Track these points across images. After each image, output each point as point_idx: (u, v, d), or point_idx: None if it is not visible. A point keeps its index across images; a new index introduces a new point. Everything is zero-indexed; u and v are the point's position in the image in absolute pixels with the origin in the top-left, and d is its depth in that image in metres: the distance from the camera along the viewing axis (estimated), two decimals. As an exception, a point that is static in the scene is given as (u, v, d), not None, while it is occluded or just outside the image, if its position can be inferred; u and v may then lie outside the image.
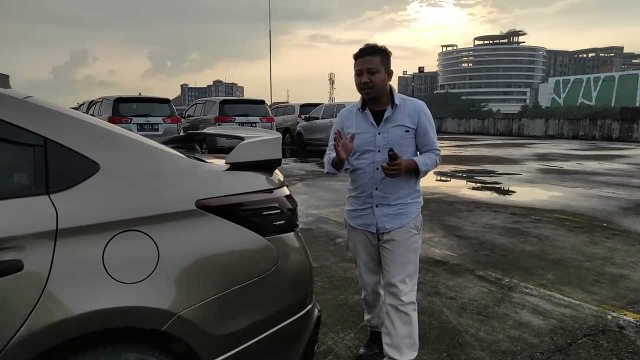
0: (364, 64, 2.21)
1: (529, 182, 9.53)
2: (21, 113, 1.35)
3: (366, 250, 2.44)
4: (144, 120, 10.95)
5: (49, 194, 1.30)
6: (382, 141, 2.27)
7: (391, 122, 2.27)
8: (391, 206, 2.31)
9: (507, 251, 4.69)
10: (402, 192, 2.31)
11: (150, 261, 1.39)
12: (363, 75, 2.21)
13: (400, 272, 2.31)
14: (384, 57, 2.22)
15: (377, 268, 2.46)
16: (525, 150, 17.95)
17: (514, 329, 2.97)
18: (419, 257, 2.42)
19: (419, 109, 2.30)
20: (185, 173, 1.61)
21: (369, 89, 2.22)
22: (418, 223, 2.38)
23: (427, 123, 2.30)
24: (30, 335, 1.21)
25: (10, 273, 1.20)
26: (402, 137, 2.27)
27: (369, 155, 2.30)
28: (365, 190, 2.35)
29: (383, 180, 2.27)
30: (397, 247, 2.31)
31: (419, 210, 2.39)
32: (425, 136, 2.30)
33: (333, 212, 6.37)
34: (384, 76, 2.23)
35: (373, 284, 2.51)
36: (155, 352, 1.43)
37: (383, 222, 2.32)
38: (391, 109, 2.28)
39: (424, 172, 2.27)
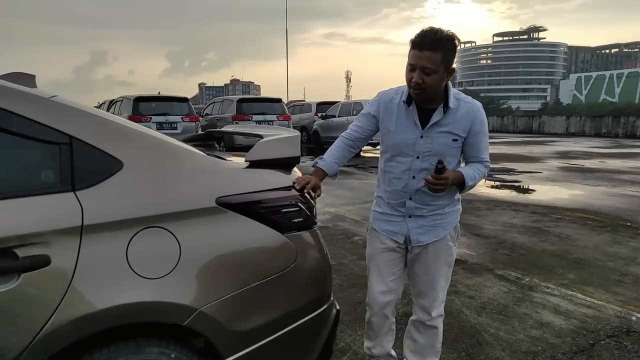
0: (419, 60, 1.80)
1: (549, 181, 9.36)
2: (48, 112, 1.38)
3: (385, 259, 2.11)
4: (163, 119, 11.10)
5: (74, 191, 1.33)
6: (424, 147, 1.94)
7: (439, 126, 1.92)
8: (426, 217, 2.02)
9: (528, 250, 4.63)
10: (439, 203, 2.01)
11: (172, 257, 1.41)
12: (415, 72, 1.82)
13: (432, 287, 2.08)
14: (447, 53, 1.80)
15: (394, 285, 2.13)
16: (546, 148, 17.65)
17: (535, 329, 2.93)
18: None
19: (474, 114, 1.93)
20: (206, 171, 1.63)
21: (420, 91, 1.86)
22: (455, 234, 2.11)
23: (481, 131, 1.95)
24: (56, 329, 1.24)
25: (38, 268, 1.23)
26: (448, 147, 1.94)
27: (406, 159, 1.98)
28: (397, 198, 2.04)
29: (419, 191, 1.98)
30: (430, 261, 2.06)
31: (457, 219, 2.10)
32: (476, 146, 1.97)
33: (350, 210, 6.37)
34: (441, 77, 1.83)
35: (384, 304, 2.13)
36: (176, 347, 1.45)
37: (417, 235, 2.04)
38: (442, 112, 1.92)
39: (470, 186, 1.96)
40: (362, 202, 6.96)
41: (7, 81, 1.44)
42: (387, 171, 2.05)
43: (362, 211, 6.31)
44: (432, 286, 2.08)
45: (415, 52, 1.81)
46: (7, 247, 1.20)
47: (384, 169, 2.07)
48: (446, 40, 1.80)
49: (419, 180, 1.94)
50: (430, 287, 2.09)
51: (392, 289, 2.13)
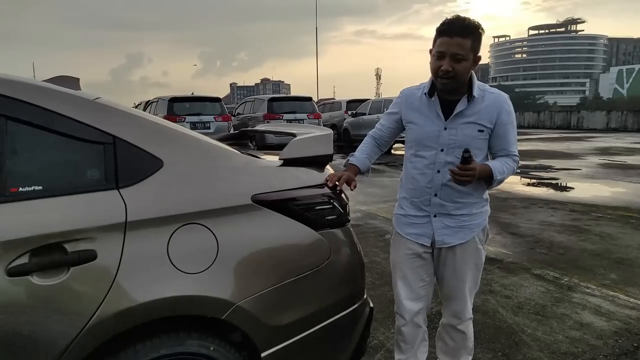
0: (449, 47, 1.74)
1: (589, 178, 9.04)
2: (93, 113, 1.45)
3: (412, 266, 2.01)
4: (197, 119, 11.33)
5: (118, 189, 1.38)
6: (448, 139, 1.87)
7: (463, 117, 1.85)
8: (453, 217, 1.93)
9: (566, 249, 4.49)
10: (466, 201, 1.92)
11: (211, 253, 1.45)
12: (445, 60, 1.75)
13: (460, 291, 2.01)
14: (475, 40, 1.76)
15: (422, 292, 2.03)
16: (584, 144, 17.03)
17: (575, 330, 2.84)
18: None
19: (501, 104, 1.86)
20: (242, 169, 1.66)
21: (449, 80, 1.78)
22: (484, 236, 2.01)
23: (508, 122, 1.87)
24: (101, 322, 1.30)
25: (86, 262, 1.29)
26: (473, 138, 1.85)
27: (429, 153, 1.90)
28: (421, 195, 1.95)
29: (444, 186, 1.90)
30: (458, 264, 1.97)
31: (485, 221, 2.00)
32: (504, 138, 1.89)
33: (381, 208, 6.34)
34: (470, 65, 1.77)
35: (414, 312, 2.03)
36: (215, 340, 1.49)
37: (442, 236, 1.95)
38: (466, 102, 1.84)
39: (499, 181, 1.85)
40: (394, 200, 6.85)
41: (54, 84, 1.52)
42: (411, 167, 1.98)
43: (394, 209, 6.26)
44: (461, 290, 2.01)
45: (445, 39, 1.75)
46: (58, 242, 1.27)
47: (409, 165, 2.00)
48: (475, 28, 1.76)
49: (444, 175, 1.86)
50: (458, 291, 2.02)
51: (422, 296, 2.04)
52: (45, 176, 1.35)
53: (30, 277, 1.24)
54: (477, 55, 1.81)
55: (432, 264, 2.05)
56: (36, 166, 1.37)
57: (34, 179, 1.33)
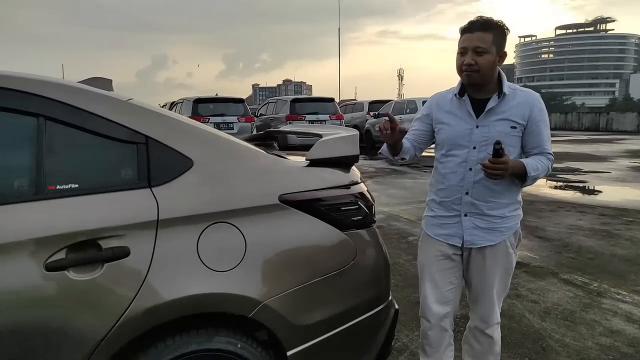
0: (470, 41, 1.79)
1: (619, 181, 8.79)
2: (126, 114, 1.49)
3: (441, 268, 1.99)
4: (220, 120, 11.45)
5: (150, 188, 1.42)
6: (480, 136, 1.86)
7: (495, 114, 1.85)
8: (484, 217, 1.90)
9: (596, 254, 4.38)
10: (499, 201, 1.90)
11: (239, 251, 1.48)
12: (467, 54, 1.80)
13: (488, 295, 1.98)
14: (498, 36, 1.80)
15: (450, 295, 2.00)
16: (614, 146, 16.57)
17: (605, 337, 2.77)
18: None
19: (533, 101, 1.86)
20: (269, 169, 1.68)
21: (472, 72, 1.81)
22: (515, 240, 1.98)
23: (541, 119, 1.86)
24: (133, 317, 1.33)
25: (119, 258, 1.32)
26: (506, 135, 1.84)
27: (461, 152, 1.89)
28: (452, 194, 1.93)
29: (476, 184, 1.88)
30: (488, 267, 1.95)
31: (517, 225, 1.97)
32: (537, 136, 1.87)
33: (404, 210, 6.30)
34: (494, 59, 1.81)
35: (441, 315, 2.00)
36: (242, 337, 1.51)
37: (472, 236, 1.92)
38: (497, 99, 1.86)
39: (533, 178, 1.83)
40: (417, 201, 6.85)
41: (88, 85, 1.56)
42: (443, 167, 1.97)
43: (417, 211, 6.22)
44: (489, 294, 1.98)
45: (466, 35, 1.82)
46: (93, 239, 1.31)
47: (439, 165, 1.99)
48: (496, 24, 1.82)
49: (477, 172, 1.85)
50: (486, 295, 1.99)
51: (449, 300, 2.00)
52: (81, 175, 1.40)
53: (67, 272, 1.28)
54: (503, 52, 1.85)
55: (461, 266, 2.02)
56: (73, 165, 1.42)
57: (71, 177, 1.37)
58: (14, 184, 1.34)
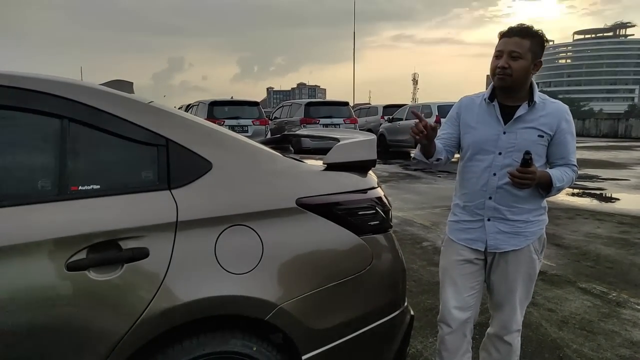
0: (507, 45, 1.80)
1: (638, 189, 8.62)
2: (147, 116, 1.51)
3: (463, 273, 1.97)
4: (235, 122, 11.51)
5: (170, 190, 1.43)
6: (507, 143, 1.86)
7: (523, 122, 1.85)
8: (507, 222, 1.90)
9: (615, 263, 4.29)
10: (522, 206, 1.90)
11: (256, 254, 1.48)
12: (502, 58, 1.80)
13: (511, 301, 1.96)
14: (535, 44, 1.81)
15: (471, 301, 1.98)
16: (633, 153, 16.26)
17: (624, 348, 2.71)
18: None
19: (562, 113, 1.87)
20: (286, 172, 1.69)
21: (505, 76, 1.80)
22: (540, 246, 1.97)
23: (569, 132, 1.88)
24: (151, 318, 1.34)
25: (139, 259, 1.34)
26: (533, 143, 1.83)
27: (487, 157, 1.89)
28: (475, 198, 1.93)
29: (500, 189, 1.88)
30: (510, 272, 1.94)
31: (542, 230, 1.97)
32: (564, 147, 1.88)
33: (418, 215, 6.25)
34: (528, 65, 1.80)
35: (462, 321, 1.97)
36: (258, 340, 1.51)
37: (496, 241, 1.91)
38: (527, 107, 1.85)
39: (558, 189, 1.84)
40: (431, 207, 6.80)
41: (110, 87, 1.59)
42: (467, 171, 1.96)
43: (431, 216, 6.17)
44: (511, 300, 1.96)
45: (504, 40, 1.83)
46: (113, 239, 1.32)
47: (464, 169, 1.98)
48: (535, 32, 1.82)
49: (501, 178, 1.86)
50: (508, 301, 1.97)
51: (470, 305, 1.98)
52: (102, 176, 1.42)
53: (87, 272, 1.30)
54: (538, 60, 1.84)
55: (483, 272, 2.00)
56: (95, 166, 1.44)
57: (93, 178, 1.39)
58: (38, 184, 1.36)
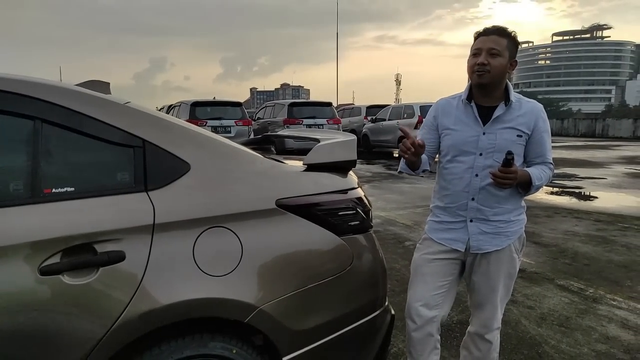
0: (485, 43, 1.83)
1: (615, 187, 8.83)
2: (123, 117, 1.48)
3: (434, 271, 1.98)
4: (218, 123, 11.44)
5: (147, 191, 1.41)
6: (487, 143, 1.88)
7: (502, 122, 1.88)
8: (489, 222, 1.93)
9: (592, 260, 4.39)
10: (504, 206, 1.93)
11: (235, 256, 1.47)
12: (481, 55, 1.83)
13: (491, 300, 1.99)
14: (511, 43, 1.85)
15: (439, 300, 1.98)
16: (610, 152, 16.65)
17: (601, 343, 2.77)
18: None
19: (538, 112, 1.91)
20: (266, 173, 1.68)
21: (484, 73, 1.82)
22: (520, 245, 2.02)
23: (545, 131, 1.92)
24: (128, 322, 1.32)
25: (115, 263, 1.32)
26: (513, 143, 1.87)
27: (468, 158, 1.91)
28: (458, 200, 1.94)
29: (482, 190, 1.90)
30: (492, 272, 1.96)
31: (522, 229, 2.02)
32: (541, 146, 1.92)
33: (401, 215, 6.30)
34: (506, 63, 1.84)
35: (427, 319, 1.96)
36: (238, 343, 1.51)
37: (478, 242, 1.93)
38: (504, 107, 1.89)
39: (536, 188, 1.89)
40: (414, 206, 6.86)
41: (85, 88, 1.56)
42: (448, 173, 1.97)
43: (414, 216, 6.22)
44: (492, 299, 1.99)
45: (481, 38, 1.87)
46: (88, 243, 1.30)
47: (444, 171, 2.00)
48: (510, 32, 1.87)
49: (483, 178, 1.88)
50: (489, 300, 2.00)
51: (437, 304, 1.97)
52: (77, 178, 1.39)
53: (62, 276, 1.27)
54: (514, 60, 1.89)
55: (456, 273, 2.02)
56: (69, 168, 1.41)
57: (67, 180, 1.36)
58: (10, 187, 1.32)
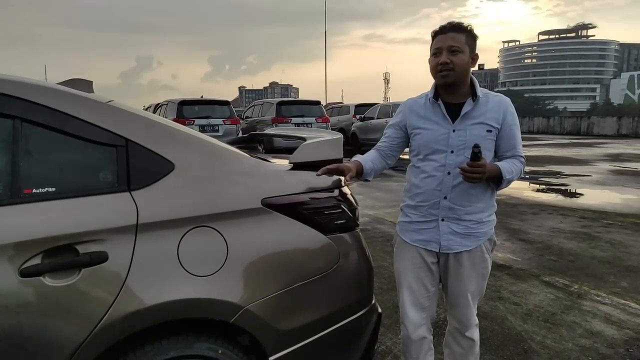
0: (444, 41, 1.82)
1: (599, 184, 8.96)
2: (105, 116, 1.46)
3: (417, 275, 1.99)
4: (206, 122, 11.36)
5: (130, 191, 1.40)
6: (457, 140, 1.87)
7: (470, 118, 1.87)
8: (461, 222, 1.92)
9: (576, 256, 4.45)
10: (476, 205, 1.91)
11: (220, 256, 1.46)
12: (442, 54, 1.82)
13: (465, 299, 1.99)
14: (469, 38, 1.84)
15: (427, 302, 2.01)
16: (595, 150, 16.89)
17: (585, 338, 2.81)
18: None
19: (505, 106, 1.90)
20: (252, 172, 1.67)
21: (447, 72, 1.82)
22: (490, 245, 2.01)
23: (514, 124, 1.91)
24: (112, 323, 1.30)
25: (97, 264, 1.30)
26: (482, 138, 1.86)
27: (439, 156, 1.90)
28: (430, 198, 1.93)
29: (455, 188, 1.89)
30: (465, 272, 1.96)
31: (492, 230, 2.00)
32: (510, 139, 1.91)
33: (389, 213, 6.32)
34: (467, 59, 1.84)
35: (420, 323, 2.00)
36: (224, 343, 1.50)
37: (448, 241, 1.93)
38: (472, 103, 1.87)
39: (508, 181, 1.86)
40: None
41: (68, 87, 1.53)
42: (420, 171, 1.96)
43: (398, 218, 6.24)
44: (465, 298, 1.99)
45: (439, 37, 1.86)
46: (70, 244, 1.28)
47: (415, 170, 1.99)
48: (466, 26, 1.86)
49: (455, 176, 1.86)
50: (462, 299, 2.00)
51: (426, 307, 2.01)
52: (58, 178, 1.37)
53: (43, 278, 1.25)
54: (474, 53, 1.88)
55: (437, 273, 2.03)
56: (49, 168, 1.39)
57: (48, 180, 1.34)
58: (-11, 188, 1.30)
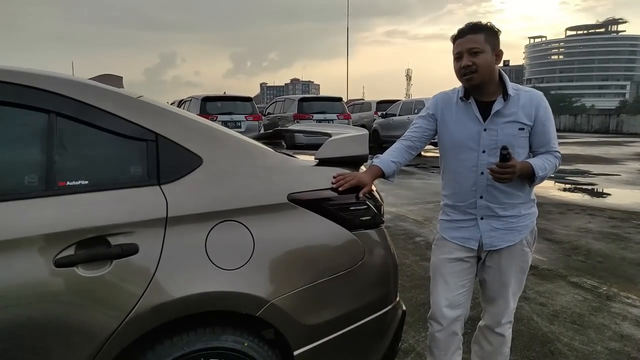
0: (463, 45, 1.80)
1: (629, 184, 8.70)
2: (136, 111, 1.49)
3: (454, 271, 1.96)
4: (228, 118, 11.46)
5: (160, 185, 1.42)
6: (489, 140, 1.84)
7: (502, 116, 1.83)
8: (500, 219, 1.90)
9: (605, 257, 4.33)
10: (513, 202, 1.89)
11: (247, 250, 1.47)
12: (463, 58, 1.80)
13: (504, 295, 1.97)
14: (489, 35, 1.80)
15: (463, 299, 1.98)
16: (624, 149, 16.41)
17: (614, 341, 2.74)
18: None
19: (537, 101, 1.85)
20: (278, 168, 1.68)
21: (471, 74, 1.79)
22: (532, 238, 1.98)
23: (547, 119, 1.86)
24: (141, 314, 1.33)
25: (128, 255, 1.32)
26: (515, 137, 1.83)
27: (471, 156, 1.88)
28: (466, 198, 1.92)
29: (490, 187, 1.86)
30: (504, 267, 1.94)
31: (533, 223, 1.98)
32: (544, 135, 1.87)
33: (411, 210, 6.27)
34: (490, 57, 1.79)
35: (452, 318, 1.97)
36: (249, 336, 1.51)
37: (490, 239, 1.91)
38: (503, 101, 1.83)
39: (541, 178, 1.83)
40: (424, 202, 6.83)
41: (99, 82, 1.56)
42: (453, 171, 1.94)
43: (424, 211, 6.19)
44: (504, 294, 1.97)
45: (458, 41, 1.83)
46: (102, 235, 1.31)
47: (448, 169, 1.97)
48: (484, 25, 1.82)
49: (488, 176, 1.82)
50: (501, 295, 1.97)
51: (460, 303, 1.97)
52: (91, 171, 1.40)
53: (76, 268, 1.28)
54: (498, 50, 1.83)
55: (474, 270, 2.00)
56: (83, 161, 1.42)
57: (81, 173, 1.37)
58: (25, 180, 1.34)
